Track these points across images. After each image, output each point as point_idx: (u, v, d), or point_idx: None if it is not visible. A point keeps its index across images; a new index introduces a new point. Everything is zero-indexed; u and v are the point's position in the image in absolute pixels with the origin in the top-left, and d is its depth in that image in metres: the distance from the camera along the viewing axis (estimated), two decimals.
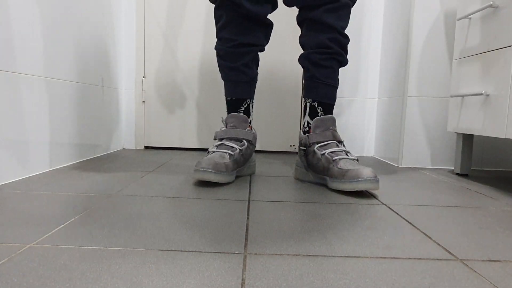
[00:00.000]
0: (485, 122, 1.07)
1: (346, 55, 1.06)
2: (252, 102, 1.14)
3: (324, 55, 1.02)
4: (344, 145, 1.02)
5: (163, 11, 1.71)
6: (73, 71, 1.25)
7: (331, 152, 0.97)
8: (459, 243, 0.60)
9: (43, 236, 0.57)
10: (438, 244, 0.59)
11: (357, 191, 0.93)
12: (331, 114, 1.07)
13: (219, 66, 1.12)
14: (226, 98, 1.13)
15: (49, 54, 1.11)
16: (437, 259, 0.53)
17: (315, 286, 0.44)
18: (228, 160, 1.00)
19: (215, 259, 0.51)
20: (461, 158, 1.28)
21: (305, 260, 0.51)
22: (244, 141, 1.06)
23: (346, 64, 1.07)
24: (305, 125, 1.07)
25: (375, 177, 0.88)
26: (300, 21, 1.07)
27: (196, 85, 1.74)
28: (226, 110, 1.16)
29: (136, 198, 0.82)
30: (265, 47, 1.30)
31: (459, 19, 1.21)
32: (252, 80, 1.12)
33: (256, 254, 0.53)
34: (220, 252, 0.53)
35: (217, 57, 1.12)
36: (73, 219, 0.66)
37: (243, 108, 1.11)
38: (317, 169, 1.00)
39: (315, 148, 1.00)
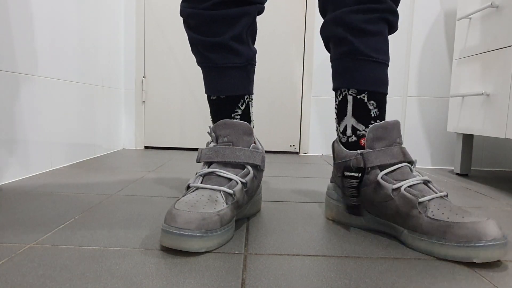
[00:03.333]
0: (485, 122, 1.07)
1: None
2: (251, 99, 0.73)
3: (372, 14, 0.64)
4: (415, 167, 0.65)
5: (163, 11, 1.71)
6: (73, 71, 1.25)
7: (409, 186, 0.59)
8: None
9: (43, 236, 0.57)
10: None
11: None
12: (385, 112, 0.67)
13: (190, 45, 0.70)
14: (208, 97, 0.72)
15: (49, 54, 1.11)
16: (437, 259, 0.53)
17: (315, 286, 0.44)
18: (224, 206, 0.57)
19: (215, 259, 0.50)
20: (461, 158, 1.28)
21: (305, 260, 0.51)
22: (248, 167, 0.64)
23: (396, 29, 0.69)
24: (347, 133, 0.67)
25: (504, 236, 0.52)
26: None
27: (196, 85, 1.74)
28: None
29: (136, 198, 0.82)
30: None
31: (459, 19, 1.21)
32: (248, 63, 0.70)
33: (256, 254, 0.53)
34: (220, 252, 0.53)
35: (185, 28, 0.70)
36: (73, 219, 0.66)
37: (239, 111, 0.70)
38: (383, 212, 0.61)
39: (379, 178, 0.60)
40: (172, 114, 1.76)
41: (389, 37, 1.60)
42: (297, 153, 1.78)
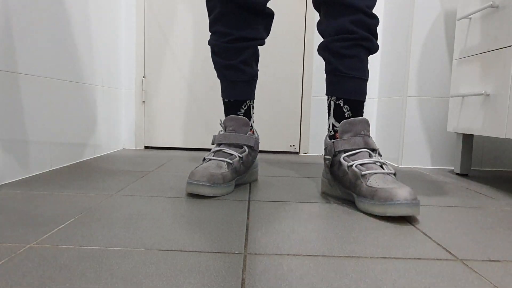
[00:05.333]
0: (485, 122, 1.07)
1: (376, 39, 0.88)
2: (253, 103, 1.02)
3: (347, 42, 0.85)
4: (379, 154, 0.84)
5: (163, 11, 1.71)
6: (73, 71, 1.25)
7: (361, 164, 0.80)
8: (459, 243, 0.60)
9: (43, 236, 0.57)
10: (438, 244, 0.59)
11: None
12: (362, 114, 0.90)
13: (214, 64, 1.00)
14: (223, 100, 1.02)
15: (49, 54, 1.11)
16: (437, 259, 0.53)
17: (315, 286, 0.44)
18: (226, 170, 0.88)
19: (215, 259, 0.51)
20: (461, 158, 1.28)
21: (305, 260, 0.51)
22: (245, 147, 0.94)
23: (377, 50, 0.89)
24: (330, 129, 0.90)
25: (414, 199, 0.70)
26: (317, 4, 0.91)
27: (196, 85, 1.74)
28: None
29: (136, 198, 0.82)
30: (266, 41, 1.16)
31: (459, 19, 1.21)
32: (252, 79, 1.00)
33: (256, 254, 0.53)
34: (220, 252, 0.53)
35: (211, 54, 0.99)
36: (73, 219, 0.66)
37: (242, 111, 0.99)
38: (344, 184, 0.83)
39: (341, 158, 0.82)
40: (172, 114, 1.76)
41: (389, 37, 1.60)
42: (297, 153, 1.78)
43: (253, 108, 1.02)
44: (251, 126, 1.01)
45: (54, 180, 0.98)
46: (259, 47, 1.37)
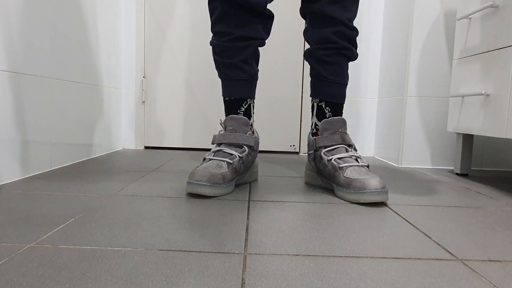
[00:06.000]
0: (485, 122, 1.07)
1: (356, 48, 0.99)
2: (253, 102, 1.03)
3: (329, 51, 0.95)
4: (355, 149, 0.95)
5: (163, 11, 1.71)
6: (73, 71, 1.25)
7: (339, 158, 0.91)
8: (459, 243, 0.60)
9: (43, 236, 0.57)
10: (438, 244, 0.59)
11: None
12: (341, 114, 1.00)
13: (215, 63, 1.02)
14: (223, 99, 1.03)
15: (49, 54, 1.11)
16: (437, 259, 0.53)
17: (315, 286, 0.44)
18: (226, 170, 0.89)
19: (215, 259, 0.51)
20: (461, 158, 1.28)
21: (305, 260, 0.51)
22: (245, 147, 0.95)
23: (356, 58, 1.00)
24: (313, 127, 1.00)
25: (383, 188, 0.82)
26: (304, 14, 1.01)
27: (196, 85, 1.74)
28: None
29: (136, 198, 0.82)
30: (266, 41, 1.17)
31: (459, 19, 1.21)
32: (252, 77, 1.01)
33: (256, 254, 0.53)
34: (220, 252, 0.53)
35: (212, 53, 1.02)
36: (73, 219, 0.66)
37: (243, 109, 1.00)
38: (325, 175, 0.95)
39: (322, 153, 0.93)
40: (172, 114, 1.76)
41: (389, 37, 1.60)
42: (297, 153, 1.78)
43: (253, 107, 1.03)
44: (251, 125, 1.01)
45: (54, 180, 0.98)
46: (259, 48, 1.36)
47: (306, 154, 1.76)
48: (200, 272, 0.46)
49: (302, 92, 1.75)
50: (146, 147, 1.78)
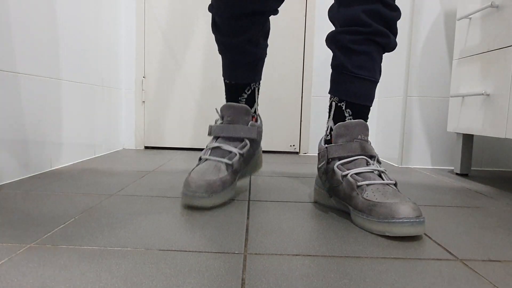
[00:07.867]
0: (485, 122, 1.07)
1: (395, 35, 0.76)
2: (258, 85, 0.87)
3: (358, 36, 0.73)
4: (379, 161, 0.73)
5: (163, 11, 1.71)
6: (73, 71, 1.25)
7: (357, 173, 0.70)
8: (459, 243, 0.60)
9: (43, 236, 0.57)
10: (438, 244, 0.59)
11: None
12: (365, 119, 0.77)
13: (215, 37, 0.84)
14: (224, 80, 0.87)
15: (49, 54, 1.11)
16: (437, 259, 0.53)
17: (315, 286, 0.44)
18: (225, 173, 0.77)
19: (215, 259, 0.50)
20: (461, 158, 1.28)
21: (305, 260, 0.51)
22: (246, 140, 0.83)
23: (393, 48, 0.77)
24: (327, 132, 0.79)
25: (418, 217, 0.60)
26: None
27: (196, 85, 1.74)
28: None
29: (136, 198, 0.82)
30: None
31: (459, 19, 1.21)
32: (258, 60, 0.84)
33: (256, 254, 0.53)
34: (220, 252, 0.53)
35: (211, 25, 0.83)
36: (73, 219, 0.66)
37: (245, 96, 0.86)
38: (339, 195, 0.73)
39: (335, 166, 0.72)
40: (172, 114, 1.76)
41: None
42: (297, 153, 1.78)
43: (258, 91, 0.87)
44: (255, 111, 0.88)
45: (54, 180, 0.98)
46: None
47: (306, 154, 1.76)
48: (200, 272, 0.46)
49: (302, 92, 1.75)
50: (146, 147, 1.78)
